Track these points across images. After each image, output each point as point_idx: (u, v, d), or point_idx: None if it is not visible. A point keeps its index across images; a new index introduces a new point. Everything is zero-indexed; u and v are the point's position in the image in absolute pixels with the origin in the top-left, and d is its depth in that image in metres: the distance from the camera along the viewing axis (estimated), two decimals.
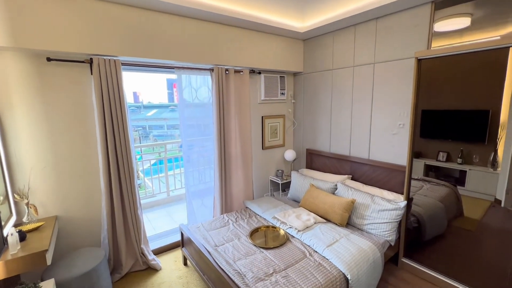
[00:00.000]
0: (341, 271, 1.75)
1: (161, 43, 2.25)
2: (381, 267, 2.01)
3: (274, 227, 2.35)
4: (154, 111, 15.86)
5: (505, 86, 2.40)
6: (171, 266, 2.48)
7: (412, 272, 2.31)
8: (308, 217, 2.40)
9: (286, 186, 3.53)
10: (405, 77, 2.33)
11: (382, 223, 2.21)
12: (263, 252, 1.98)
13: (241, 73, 2.86)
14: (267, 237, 2.22)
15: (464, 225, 2.56)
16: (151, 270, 2.42)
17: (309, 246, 2.04)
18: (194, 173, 2.86)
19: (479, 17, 1.99)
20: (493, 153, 2.51)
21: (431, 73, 2.26)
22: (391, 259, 2.39)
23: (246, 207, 2.86)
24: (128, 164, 2.23)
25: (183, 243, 2.46)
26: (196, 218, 2.85)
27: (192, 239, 2.17)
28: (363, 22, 2.57)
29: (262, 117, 3.29)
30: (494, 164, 2.51)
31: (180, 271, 2.39)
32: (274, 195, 3.49)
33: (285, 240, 2.12)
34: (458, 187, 2.72)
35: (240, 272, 1.75)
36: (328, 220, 2.41)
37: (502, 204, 2.43)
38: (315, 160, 3.32)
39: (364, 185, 2.69)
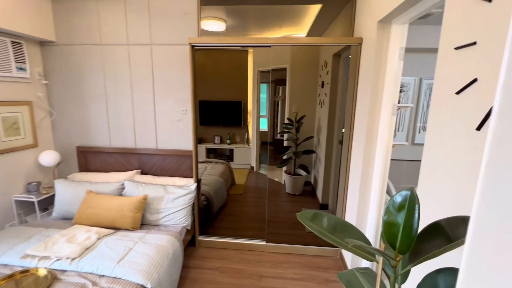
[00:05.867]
0: (139, 284, 1.47)
1: None
2: (181, 256, 1.96)
3: (26, 271, 1.51)
4: None
5: (249, 83, 3.31)
6: None
7: (208, 246, 2.52)
8: (87, 234, 1.80)
9: (49, 203, 2.50)
10: (184, 64, 2.37)
11: (177, 211, 2.16)
12: None
13: None
14: None
15: (237, 191, 3.29)
16: None
17: (92, 273, 1.52)
18: None
19: (230, 24, 2.43)
20: (246, 134, 3.41)
21: (204, 68, 2.52)
22: (189, 242, 2.46)
23: None
24: None
25: None
26: None
27: None
28: None
29: None
30: (247, 141, 3.42)
31: None
32: (27, 221, 2.35)
33: (50, 282, 1.43)
34: (230, 162, 3.46)
35: None
36: (118, 229, 1.97)
37: (255, 169, 3.43)
38: (92, 159, 2.62)
39: (156, 176, 2.51)
